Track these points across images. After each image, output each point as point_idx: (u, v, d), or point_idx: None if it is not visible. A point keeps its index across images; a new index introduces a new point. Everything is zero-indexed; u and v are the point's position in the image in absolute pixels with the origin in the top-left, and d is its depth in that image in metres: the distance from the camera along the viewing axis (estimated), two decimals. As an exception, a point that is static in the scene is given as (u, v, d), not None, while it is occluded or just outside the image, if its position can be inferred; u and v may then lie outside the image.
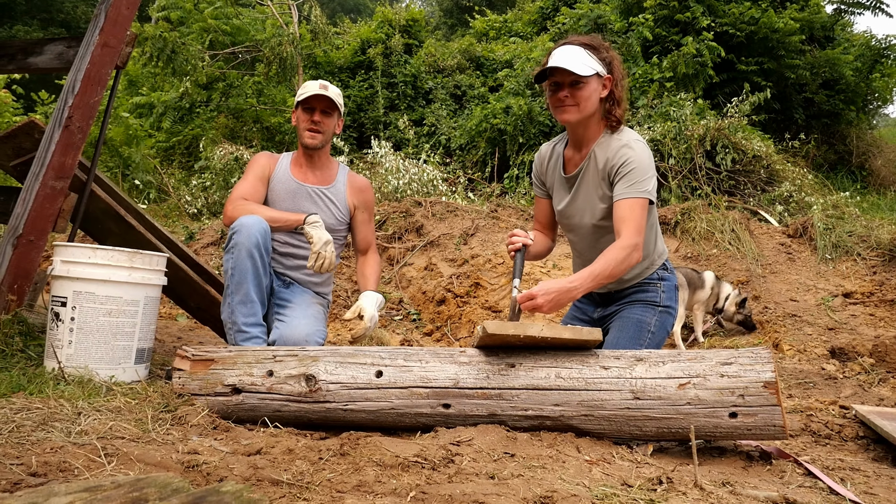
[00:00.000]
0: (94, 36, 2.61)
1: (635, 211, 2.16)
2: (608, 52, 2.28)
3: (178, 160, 9.96)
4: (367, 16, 15.91)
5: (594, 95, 2.24)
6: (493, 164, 8.49)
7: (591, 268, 2.11)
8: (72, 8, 19.20)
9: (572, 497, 1.40)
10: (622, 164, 2.20)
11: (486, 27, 12.65)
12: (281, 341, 2.45)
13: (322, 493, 1.38)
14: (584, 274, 2.10)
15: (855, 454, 2.19)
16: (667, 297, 2.37)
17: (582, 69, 2.19)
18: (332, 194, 2.79)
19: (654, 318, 2.34)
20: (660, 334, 2.35)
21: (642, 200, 2.18)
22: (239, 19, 10.14)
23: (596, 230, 2.34)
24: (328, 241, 2.51)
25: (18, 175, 2.83)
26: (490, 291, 5.34)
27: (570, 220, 2.42)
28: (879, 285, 5.13)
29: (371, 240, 2.93)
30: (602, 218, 2.31)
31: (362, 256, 2.92)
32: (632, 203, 2.17)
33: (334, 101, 2.71)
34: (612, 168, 2.23)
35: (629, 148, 2.22)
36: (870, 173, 9.48)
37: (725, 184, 7.18)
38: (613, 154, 2.23)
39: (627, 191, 2.18)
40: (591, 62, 2.22)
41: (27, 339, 2.48)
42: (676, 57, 8.25)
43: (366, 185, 2.92)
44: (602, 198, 2.29)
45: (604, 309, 2.49)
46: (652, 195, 2.21)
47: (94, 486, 1.05)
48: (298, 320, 2.54)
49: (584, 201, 2.35)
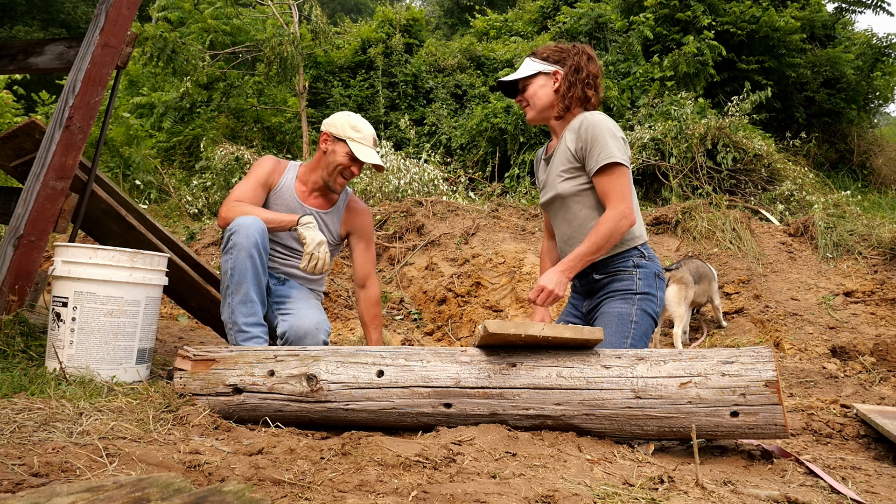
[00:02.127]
0: (94, 36, 2.61)
1: (613, 180, 2.27)
2: (553, 52, 2.48)
3: (178, 160, 9.96)
4: (367, 15, 15.91)
5: (541, 91, 2.44)
6: (494, 163, 8.49)
7: (578, 249, 2.26)
8: (72, 8, 19.20)
9: (574, 496, 1.40)
10: (585, 136, 2.31)
11: (487, 26, 12.64)
12: (292, 332, 2.46)
13: (324, 492, 1.38)
14: (579, 250, 2.25)
15: (856, 453, 2.18)
16: (644, 284, 2.35)
17: (518, 74, 2.46)
18: (328, 219, 2.77)
19: (634, 308, 2.33)
20: (644, 322, 2.33)
21: (613, 166, 2.26)
22: (239, 19, 10.15)
23: (561, 200, 2.43)
24: (321, 241, 2.50)
25: (19, 175, 2.83)
26: (491, 291, 5.34)
27: (543, 196, 2.54)
28: (880, 284, 5.13)
29: (370, 270, 2.84)
30: (561, 182, 2.40)
31: (360, 290, 2.84)
32: (609, 173, 2.27)
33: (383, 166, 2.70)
34: (577, 142, 2.34)
35: (586, 120, 2.34)
36: (871, 172, 9.47)
37: (726, 183, 7.18)
38: (576, 128, 2.36)
39: (596, 161, 2.28)
40: (533, 65, 2.46)
41: (28, 339, 2.48)
42: (677, 56, 8.25)
43: (362, 210, 2.85)
44: (563, 166, 2.41)
45: (589, 302, 2.50)
46: (619, 158, 2.26)
47: (95, 486, 1.05)
48: (305, 311, 2.55)
49: (552, 174, 2.46)
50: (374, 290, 2.84)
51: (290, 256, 2.75)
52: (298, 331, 2.45)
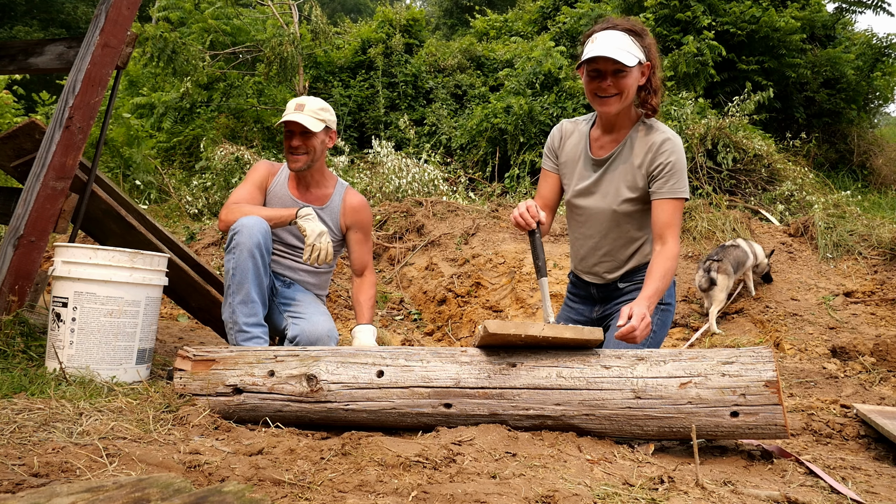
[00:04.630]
0: (94, 36, 2.61)
1: (677, 214, 2.21)
2: (648, 38, 2.22)
3: (178, 160, 9.96)
4: (367, 15, 15.91)
5: (635, 84, 2.19)
6: (494, 163, 8.49)
7: (654, 285, 2.12)
8: (72, 8, 19.20)
9: (574, 496, 1.40)
10: (667, 161, 2.19)
11: (487, 27, 12.64)
12: (304, 336, 2.47)
13: (324, 492, 1.38)
14: (650, 290, 2.11)
15: (856, 453, 2.18)
16: (667, 294, 2.35)
17: (627, 58, 2.10)
18: (325, 215, 2.76)
19: (655, 317, 2.31)
20: (661, 333, 2.34)
21: (682, 202, 2.23)
22: (239, 19, 10.14)
23: (614, 215, 2.31)
24: (322, 231, 2.50)
25: (19, 176, 2.83)
26: (491, 291, 5.34)
27: (586, 200, 2.35)
28: (880, 284, 5.13)
29: (366, 261, 2.85)
30: (622, 203, 2.28)
31: (357, 279, 2.85)
32: (675, 205, 2.21)
33: (307, 126, 2.58)
34: (654, 162, 2.21)
35: (671, 143, 2.21)
36: (871, 172, 9.47)
37: (726, 183, 7.18)
38: (657, 147, 2.21)
39: (670, 191, 2.20)
40: (634, 49, 2.15)
41: (28, 339, 2.48)
42: (677, 56, 8.25)
43: (360, 205, 2.83)
44: (631, 186, 2.27)
45: (603, 307, 2.47)
46: (688, 193, 2.25)
47: (96, 486, 1.05)
48: (317, 317, 2.56)
49: (609, 185, 2.30)
50: (371, 277, 2.85)
51: (294, 255, 2.75)
52: (311, 336, 2.46)
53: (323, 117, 2.66)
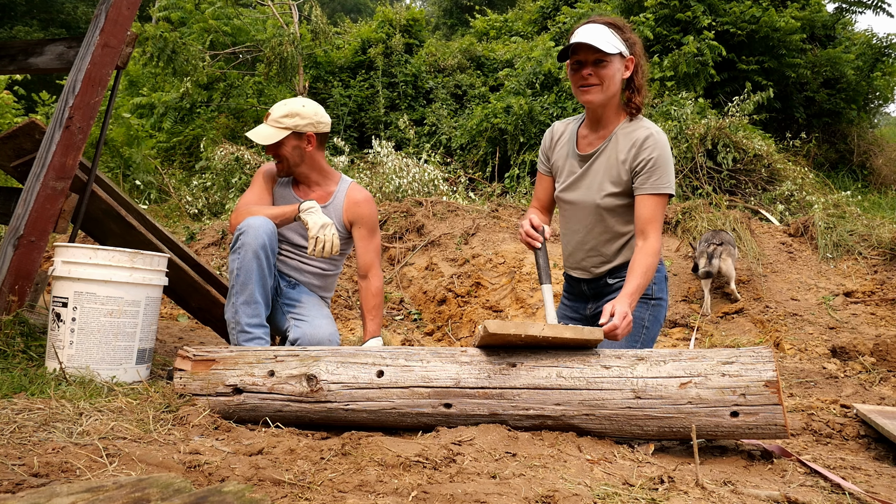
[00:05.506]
0: (94, 36, 2.61)
1: (659, 210, 2.21)
2: (630, 34, 2.26)
3: (178, 160, 9.97)
4: (367, 16, 15.91)
5: (617, 75, 2.22)
6: (494, 163, 8.50)
7: (635, 281, 2.13)
8: (72, 8, 19.21)
9: (574, 496, 1.40)
10: (649, 157, 2.20)
11: (487, 27, 12.65)
12: (304, 339, 2.46)
13: (324, 492, 1.38)
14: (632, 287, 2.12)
15: (856, 453, 2.18)
16: (658, 290, 2.36)
17: (606, 46, 2.15)
18: (329, 212, 2.72)
19: (647, 313, 2.33)
20: (654, 328, 2.35)
21: (666, 198, 2.22)
22: (239, 19, 10.15)
23: (597, 210, 2.33)
24: (325, 223, 2.48)
25: (19, 176, 2.83)
26: (491, 291, 5.34)
27: (571, 194, 2.38)
28: (880, 284, 5.13)
29: (371, 260, 2.72)
30: (605, 197, 2.30)
31: (362, 281, 2.74)
32: (657, 201, 2.20)
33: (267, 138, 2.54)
34: (637, 157, 2.22)
35: (654, 139, 2.21)
36: (871, 172, 9.47)
37: (726, 183, 7.18)
38: (640, 142, 2.22)
39: (653, 186, 2.20)
40: (615, 41, 2.19)
41: (28, 339, 2.48)
42: (677, 56, 8.25)
43: (362, 199, 2.73)
44: (615, 181, 2.28)
45: (595, 304, 2.47)
46: (673, 190, 2.24)
47: (95, 486, 1.05)
48: (320, 320, 2.56)
49: (593, 179, 2.33)
50: (376, 282, 2.73)
51: (300, 255, 2.75)
52: (312, 340, 2.46)
53: (286, 124, 2.57)
